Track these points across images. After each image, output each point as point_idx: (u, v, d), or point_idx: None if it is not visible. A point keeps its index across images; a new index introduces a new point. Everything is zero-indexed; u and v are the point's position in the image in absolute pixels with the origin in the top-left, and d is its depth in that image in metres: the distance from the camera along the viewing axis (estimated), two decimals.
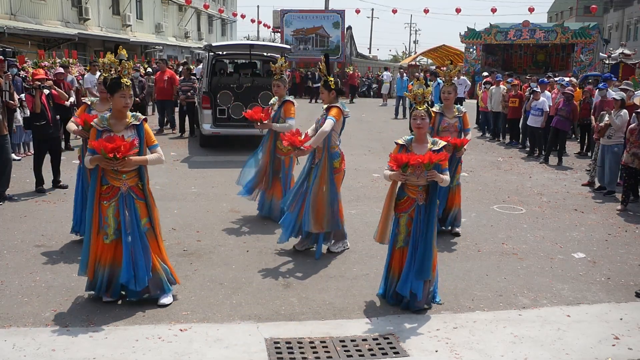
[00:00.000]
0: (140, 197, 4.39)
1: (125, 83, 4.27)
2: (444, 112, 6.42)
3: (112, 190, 4.33)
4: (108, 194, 4.34)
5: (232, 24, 50.78)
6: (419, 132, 4.46)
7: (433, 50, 40.16)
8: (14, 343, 3.78)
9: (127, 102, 4.31)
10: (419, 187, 4.41)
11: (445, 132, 6.26)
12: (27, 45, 20.60)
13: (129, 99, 4.31)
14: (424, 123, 4.42)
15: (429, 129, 4.69)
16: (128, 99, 4.30)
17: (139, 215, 4.37)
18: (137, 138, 4.32)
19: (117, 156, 4.08)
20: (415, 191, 4.43)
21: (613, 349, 3.94)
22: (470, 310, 4.56)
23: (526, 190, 8.95)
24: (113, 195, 4.33)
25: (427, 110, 4.45)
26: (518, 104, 13.15)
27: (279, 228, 6.55)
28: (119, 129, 4.31)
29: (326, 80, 5.70)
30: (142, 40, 31.29)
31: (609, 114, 8.57)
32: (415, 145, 4.46)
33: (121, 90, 4.25)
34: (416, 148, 4.43)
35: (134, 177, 4.36)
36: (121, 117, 4.34)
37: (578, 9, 52.39)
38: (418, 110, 4.45)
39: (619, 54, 23.30)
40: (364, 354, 3.81)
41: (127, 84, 4.29)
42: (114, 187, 4.32)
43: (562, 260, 5.80)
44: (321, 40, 31.73)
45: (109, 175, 4.31)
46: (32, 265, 5.25)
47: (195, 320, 4.23)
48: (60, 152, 8.46)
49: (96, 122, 4.34)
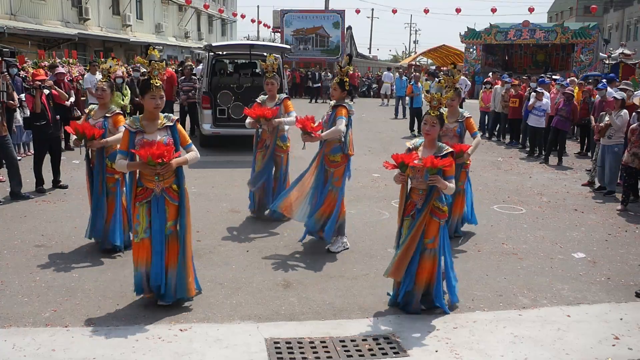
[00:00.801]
0: (173, 199, 4.32)
1: (155, 84, 4.22)
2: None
3: (146, 191, 4.29)
4: (141, 195, 4.31)
5: (232, 24, 50.77)
6: (427, 137, 4.36)
7: (433, 50, 40.18)
8: (14, 343, 3.78)
9: (157, 103, 4.25)
10: (419, 191, 4.36)
11: (444, 137, 5.88)
12: (27, 45, 20.60)
13: (160, 100, 4.26)
14: (433, 130, 4.31)
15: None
16: (159, 99, 4.25)
17: (166, 217, 4.30)
18: (171, 139, 4.29)
19: (163, 161, 4.08)
20: (417, 194, 4.39)
21: (613, 349, 3.94)
22: (470, 310, 4.56)
23: (526, 190, 8.95)
24: (146, 197, 4.29)
25: (439, 116, 4.32)
26: (518, 104, 13.15)
27: (279, 228, 6.56)
28: (152, 130, 4.27)
29: (342, 80, 5.93)
30: (142, 40, 31.27)
31: (609, 114, 8.57)
32: (424, 150, 4.37)
33: (151, 91, 4.20)
34: (424, 153, 4.33)
35: (168, 179, 4.30)
36: (153, 118, 4.30)
37: (578, 9, 52.38)
38: (430, 116, 4.32)
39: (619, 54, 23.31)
40: (364, 354, 3.81)
41: (157, 84, 4.23)
42: (148, 188, 4.29)
43: (562, 260, 5.80)
44: (321, 40, 31.74)
45: (145, 178, 4.28)
46: (32, 265, 5.25)
47: (195, 320, 4.23)
48: (60, 152, 8.47)
49: (128, 124, 4.30)
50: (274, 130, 6.59)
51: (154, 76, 4.27)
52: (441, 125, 4.35)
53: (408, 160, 4.17)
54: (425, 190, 4.34)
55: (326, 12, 33.76)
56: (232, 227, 6.59)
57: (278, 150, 6.71)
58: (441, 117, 4.33)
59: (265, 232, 6.44)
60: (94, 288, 4.70)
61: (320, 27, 31.73)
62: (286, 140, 6.82)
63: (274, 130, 6.59)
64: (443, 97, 4.37)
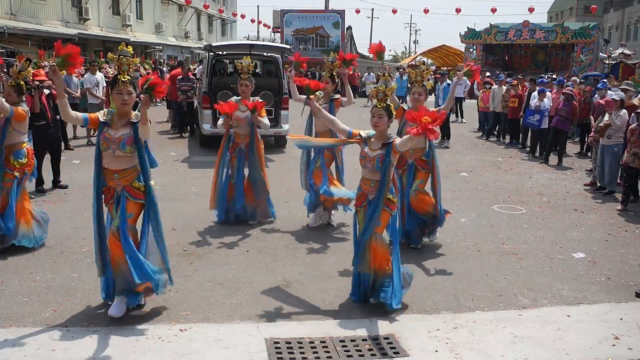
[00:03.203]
0: (136, 198, 4.21)
1: (122, 79, 4.10)
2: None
3: (110, 190, 4.26)
4: (108, 195, 4.27)
5: (232, 24, 50.77)
6: (376, 129, 4.43)
7: (433, 50, 40.17)
8: (14, 343, 3.78)
9: (124, 99, 4.13)
10: (371, 182, 4.43)
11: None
12: (27, 45, 20.61)
13: (127, 96, 4.13)
14: (381, 122, 4.37)
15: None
16: (126, 95, 4.12)
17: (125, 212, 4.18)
18: (131, 137, 4.17)
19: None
20: (368, 185, 4.47)
21: (613, 349, 3.94)
22: (470, 310, 4.56)
23: (526, 190, 8.95)
24: (112, 196, 4.25)
25: (386, 108, 4.37)
26: (518, 104, 13.15)
27: (279, 228, 6.56)
28: (118, 126, 4.18)
29: (332, 74, 6.42)
30: (142, 40, 31.29)
31: (609, 114, 8.57)
32: (374, 141, 4.43)
33: (117, 86, 4.11)
34: (373, 145, 4.42)
35: (128, 177, 4.20)
36: (122, 115, 4.20)
37: (578, 9, 52.37)
38: (376, 109, 4.39)
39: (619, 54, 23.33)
40: (364, 354, 3.81)
41: (124, 79, 4.10)
42: (111, 187, 4.24)
43: (562, 260, 5.80)
44: (321, 40, 31.76)
45: (107, 177, 4.23)
46: (32, 265, 5.25)
47: (195, 320, 4.23)
48: (60, 152, 8.47)
49: (103, 112, 4.27)
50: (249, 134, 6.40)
51: (123, 71, 4.14)
52: (389, 117, 4.38)
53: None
54: (377, 181, 4.39)
55: (326, 12, 33.78)
56: (232, 227, 6.58)
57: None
58: (388, 108, 4.38)
59: (265, 232, 6.44)
60: (93, 288, 4.70)
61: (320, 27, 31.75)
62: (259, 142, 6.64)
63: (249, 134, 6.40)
64: (388, 89, 4.39)
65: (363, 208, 4.53)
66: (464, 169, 10.54)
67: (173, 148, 12.01)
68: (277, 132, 11.81)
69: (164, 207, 7.26)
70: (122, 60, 4.16)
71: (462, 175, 9.98)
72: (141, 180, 4.26)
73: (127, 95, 4.13)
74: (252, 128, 6.42)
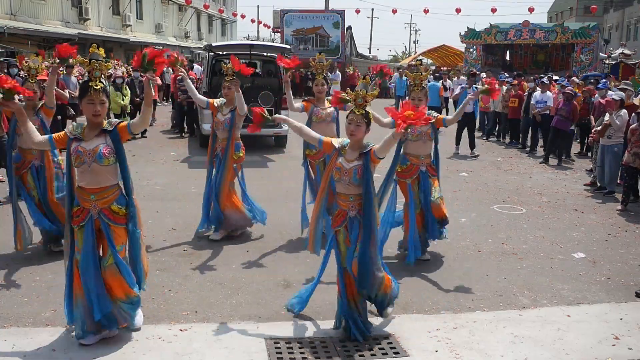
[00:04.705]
0: (115, 222, 3.71)
1: (94, 86, 3.61)
2: None
3: (83, 212, 3.72)
4: (78, 217, 3.71)
5: (232, 24, 50.77)
6: (351, 139, 3.91)
7: (433, 50, 40.15)
8: (14, 343, 3.78)
9: (96, 109, 3.62)
10: (349, 197, 3.92)
11: (417, 141, 5.52)
12: (27, 45, 20.62)
13: (100, 106, 3.63)
14: (358, 130, 3.85)
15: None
16: (98, 105, 3.62)
17: (115, 246, 3.72)
18: (109, 147, 3.66)
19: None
20: (346, 201, 3.94)
21: (613, 349, 3.94)
22: (470, 310, 4.56)
23: (526, 190, 8.95)
24: (83, 218, 3.70)
25: (365, 115, 3.85)
26: (518, 104, 13.16)
27: (279, 228, 6.56)
28: (90, 137, 3.68)
29: (325, 77, 6.24)
30: (142, 40, 31.28)
31: (609, 114, 8.57)
32: (350, 151, 3.93)
33: (88, 95, 3.61)
34: (348, 155, 3.93)
35: (106, 198, 3.69)
36: (93, 126, 3.69)
37: (578, 9, 52.36)
38: (354, 115, 3.85)
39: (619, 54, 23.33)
40: (364, 354, 3.81)
41: (96, 87, 3.61)
42: (84, 209, 3.71)
43: (562, 260, 5.80)
44: (321, 40, 31.72)
45: (81, 197, 3.72)
46: (32, 265, 5.25)
47: (195, 320, 4.23)
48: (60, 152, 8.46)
49: (69, 129, 3.74)
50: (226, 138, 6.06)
51: (94, 77, 3.64)
52: (367, 125, 3.89)
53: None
54: (356, 195, 3.90)
55: (326, 12, 33.73)
56: None
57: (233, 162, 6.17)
58: (367, 115, 3.87)
59: (265, 232, 6.44)
60: None
61: (320, 27, 31.71)
62: (239, 149, 6.21)
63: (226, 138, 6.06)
64: (369, 94, 3.90)
65: (344, 228, 4.00)
66: (464, 169, 10.54)
67: (173, 148, 12.01)
68: (277, 132, 11.82)
69: (164, 207, 7.30)
70: (93, 65, 3.64)
71: (462, 175, 9.99)
72: (122, 202, 3.75)
73: (99, 105, 3.63)
74: (229, 133, 6.04)
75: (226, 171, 6.08)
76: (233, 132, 6.04)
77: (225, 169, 6.06)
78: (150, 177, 8.76)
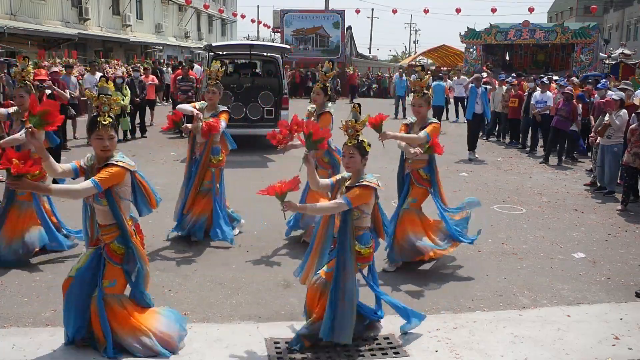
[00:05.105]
0: (113, 261, 3.61)
1: (102, 122, 3.51)
2: (413, 125, 5.39)
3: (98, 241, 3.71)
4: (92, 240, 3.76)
5: (232, 24, 50.78)
6: (347, 170, 3.83)
7: (433, 50, 40.17)
8: (14, 343, 3.78)
9: (105, 145, 3.51)
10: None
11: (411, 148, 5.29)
12: (27, 45, 20.61)
13: (109, 141, 3.53)
14: (352, 161, 3.73)
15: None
16: (107, 141, 3.51)
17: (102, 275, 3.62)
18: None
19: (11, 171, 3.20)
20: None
21: (613, 349, 3.94)
22: (470, 310, 4.56)
23: (526, 190, 8.95)
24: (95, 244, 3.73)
25: (357, 145, 3.72)
26: (518, 104, 13.16)
27: (279, 228, 6.55)
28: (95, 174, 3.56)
29: (325, 85, 5.96)
30: (142, 40, 31.29)
31: (609, 114, 8.57)
32: (350, 184, 3.83)
33: (97, 130, 3.51)
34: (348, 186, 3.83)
35: (109, 234, 3.62)
36: (101, 162, 3.61)
37: (578, 9, 52.38)
38: (347, 146, 3.74)
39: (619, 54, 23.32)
40: (364, 354, 3.80)
41: (105, 122, 3.51)
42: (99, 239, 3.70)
43: (562, 260, 5.80)
44: (321, 40, 31.71)
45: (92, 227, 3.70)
46: (32, 265, 5.25)
47: (195, 320, 4.23)
48: (60, 152, 8.46)
49: (84, 161, 3.68)
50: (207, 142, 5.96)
51: (103, 112, 3.56)
52: (362, 156, 3.74)
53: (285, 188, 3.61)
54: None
55: (326, 12, 33.73)
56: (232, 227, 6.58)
57: (210, 165, 6.07)
58: (360, 145, 3.73)
59: (265, 232, 6.44)
60: None
61: (320, 27, 31.70)
62: (218, 153, 6.11)
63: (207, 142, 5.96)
64: (358, 124, 3.78)
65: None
66: (464, 169, 10.55)
67: (173, 148, 12.01)
68: None
69: (164, 207, 7.26)
70: (102, 100, 3.59)
71: (462, 175, 9.98)
72: (122, 242, 3.63)
73: (108, 141, 3.54)
74: (208, 137, 5.92)
75: (199, 176, 6.01)
76: (212, 137, 5.94)
77: (197, 173, 6.00)
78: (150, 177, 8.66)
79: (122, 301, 3.67)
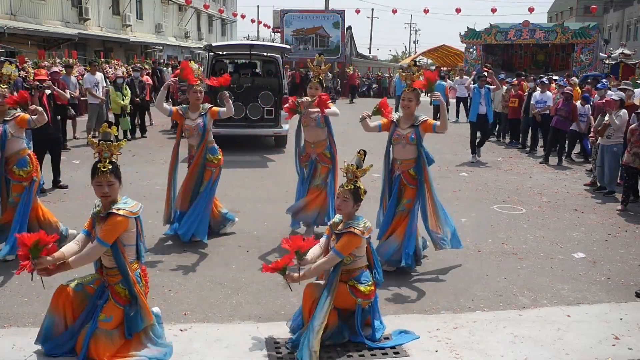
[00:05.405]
0: (117, 301, 3.62)
1: (101, 168, 3.51)
2: (400, 122, 5.32)
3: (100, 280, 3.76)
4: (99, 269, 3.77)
5: (232, 24, 50.79)
6: (338, 212, 3.89)
7: (433, 50, 40.21)
8: (14, 343, 3.78)
9: (104, 191, 3.52)
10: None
11: (397, 144, 5.32)
12: (27, 45, 20.62)
13: (108, 188, 3.52)
14: (344, 206, 3.80)
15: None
16: (106, 187, 3.51)
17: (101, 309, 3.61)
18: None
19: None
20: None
21: (613, 349, 3.94)
22: (470, 310, 4.56)
23: (526, 190, 8.95)
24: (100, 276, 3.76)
25: (352, 191, 3.79)
26: (518, 104, 13.16)
27: (279, 228, 6.56)
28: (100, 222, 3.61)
29: (321, 79, 5.97)
30: (142, 40, 31.30)
31: (609, 114, 8.57)
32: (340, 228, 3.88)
33: (97, 177, 3.52)
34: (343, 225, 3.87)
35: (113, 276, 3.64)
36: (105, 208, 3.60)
37: (578, 9, 52.39)
38: (342, 190, 3.81)
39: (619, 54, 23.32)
40: (364, 354, 3.81)
41: (104, 169, 3.50)
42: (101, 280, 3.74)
43: (562, 260, 5.80)
44: (321, 40, 31.71)
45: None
46: None
47: (195, 320, 4.24)
48: (60, 152, 8.47)
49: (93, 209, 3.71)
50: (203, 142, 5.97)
51: (104, 159, 3.55)
52: (355, 201, 3.80)
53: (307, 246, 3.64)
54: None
55: (326, 12, 33.71)
56: (232, 227, 6.58)
57: (208, 165, 6.08)
58: (356, 192, 3.80)
59: (265, 232, 6.44)
60: None
61: (320, 27, 31.69)
62: (216, 152, 6.14)
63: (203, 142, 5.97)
64: (359, 170, 3.85)
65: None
66: (464, 169, 10.55)
67: None
68: (277, 133, 11.83)
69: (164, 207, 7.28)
70: (102, 146, 3.57)
71: (462, 175, 9.98)
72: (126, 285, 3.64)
73: (107, 187, 3.52)
74: (202, 137, 5.97)
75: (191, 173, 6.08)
76: (206, 136, 5.97)
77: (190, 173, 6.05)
78: (150, 177, 8.74)
79: (111, 336, 3.59)
